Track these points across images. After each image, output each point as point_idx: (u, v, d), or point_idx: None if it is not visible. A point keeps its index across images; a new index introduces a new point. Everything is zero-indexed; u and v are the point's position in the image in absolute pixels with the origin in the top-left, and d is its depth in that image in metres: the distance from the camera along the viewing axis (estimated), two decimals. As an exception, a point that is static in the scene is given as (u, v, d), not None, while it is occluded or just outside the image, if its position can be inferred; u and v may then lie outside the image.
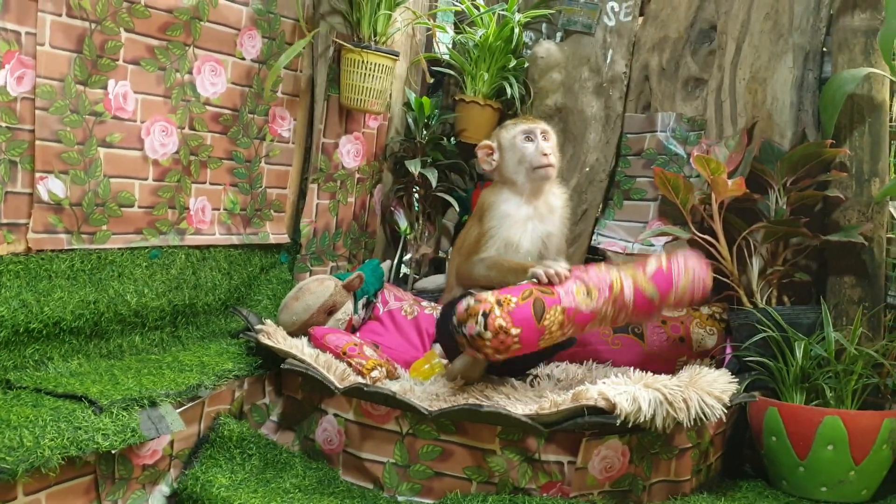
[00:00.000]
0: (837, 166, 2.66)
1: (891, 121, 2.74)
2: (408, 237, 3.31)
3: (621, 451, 2.11)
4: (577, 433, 2.08)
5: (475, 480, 2.10)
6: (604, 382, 2.15)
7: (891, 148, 2.75)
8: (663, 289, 2.25)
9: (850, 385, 2.39)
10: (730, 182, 2.49)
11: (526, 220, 2.51)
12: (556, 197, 2.61)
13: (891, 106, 2.76)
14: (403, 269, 3.44)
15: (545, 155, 2.49)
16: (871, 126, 2.63)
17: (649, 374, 2.26)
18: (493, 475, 2.09)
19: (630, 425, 2.04)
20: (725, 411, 2.17)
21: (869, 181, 2.63)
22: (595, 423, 2.04)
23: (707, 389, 2.17)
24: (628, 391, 2.07)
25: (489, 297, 2.12)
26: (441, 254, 3.34)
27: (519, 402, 2.22)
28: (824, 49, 2.83)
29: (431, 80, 3.44)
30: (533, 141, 2.52)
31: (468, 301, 2.12)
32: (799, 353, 2.39)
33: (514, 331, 2.08)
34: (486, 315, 2.07)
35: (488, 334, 2.06)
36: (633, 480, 2.15)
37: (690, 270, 2.29)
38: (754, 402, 2.43)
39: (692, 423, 2.09)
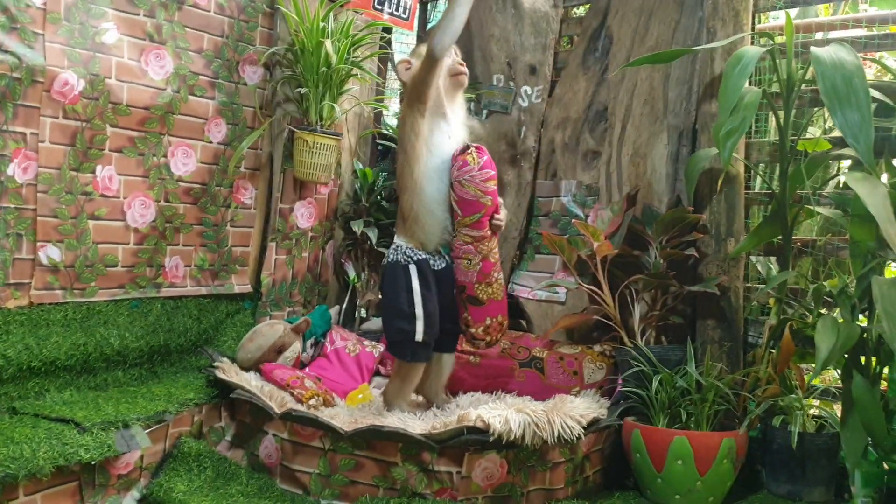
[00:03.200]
0: (701, 228, 3.20)
1: (749, 189, 3.28)
2: (356, 285, 3.86)
3: (499, 464, 2.63)
4: (462, 448, 2.60)
5: (382, 487, 2.63)
6: (485, 407, 2.69)
7: (748, 212, 3.30)
8: None
9: (705, 411, 2.91)
10: (596, 244, 3.04)
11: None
12: (463, 109, 3.14)
13: (749, 177, 3.30)
14: (362, 311, 3.99)
15: (461, 64, 3.05)
16: (726, 195, 3.17)
17: (527, 400, 2.78)
18: (396, 482, 2.62)
19: (504, 442, 2.57)
20: (583, 430, 2.69)
21: (725, 240, 3.16)
22: (474, 440, 2.57)
23: (570, 413, 2.70)
24: (502, 414, 2.60)
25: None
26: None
27: (418, 423, 2.75)
28: (697, 127, 3.37)
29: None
30: (448, 56, 3.03)
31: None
32: (654, 385, 2.90)
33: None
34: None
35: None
36: (511, 488, 2.66)
37: None
38: (626, 425, 2.94)
39: (555, 440, 2.62)
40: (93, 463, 2.45)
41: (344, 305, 3.85)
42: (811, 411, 2.95)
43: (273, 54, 3.51)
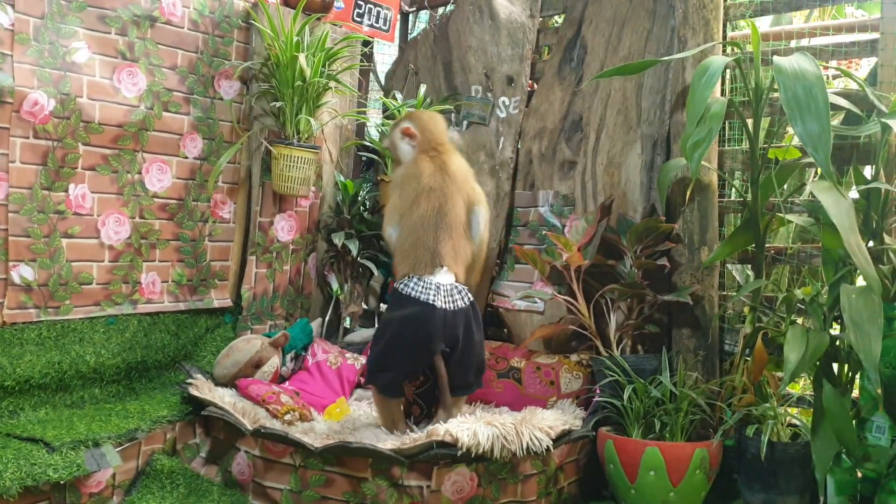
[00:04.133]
0: (674, 238, 3.19)
1: (723, 198, 3.27)
2: (339, 297, 3.87)
3: (469, 477, 2.63)
4: (432, 462, 2.61)
5: (352, 502, 2.63)
6: (454, 421, 2.70)
7: (724, 220, 3.29)
8: None
9: (679, 420, 2.91)
10: (566, 255, 3.05)
11: None
12: None
13: (723, 185, 3.30)
14: (346, 323, 4.01)
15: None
16: (699, 204, 3.16)
17: (497, 412, 2.79)
18: (367, 498, 2.62)
19: (473, 455, 2.58)
20: (553, 442, 2.70)
21: (699, 249, 3.15)
22: (443, 454, 2.58)
23: (539, 425, 2.71)
24: (470, 427, 2.61)
25: None
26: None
27: (389, 438, 2.76)
28: (670, 136, 3.36)
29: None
30: None
31: None
32: (626, 395, 2.90)
33: None
34: None
35: None
36: (482, 501, 2.66)
37: None
38: (600, 435, 2.94)
39: (524, 452, 2.63)
40: (62, 482, 2.46)
41: (327, 317, 3.85)
42: (787, 420, 2.94)
43: (248, 69, 3.53)
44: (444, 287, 2.88)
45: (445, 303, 2.86)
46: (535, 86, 3.76)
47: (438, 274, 2.90)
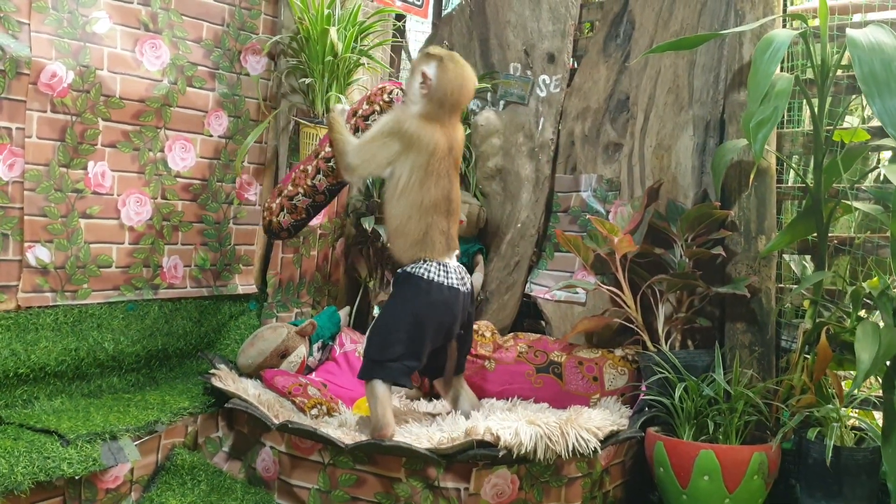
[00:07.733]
0: (729, 225, 2.99)
1: (781, 183, 3.07)
2: (368, 284, 3.70)
3: (510, 480, 2.45)
4: (471, 463, 2.43)
5: (384, 504, 2.47)
6: (494, 419, 2.51)
7: (780, 207, 3.08)
8: None
9: (734, 421, 2.71)
10: (615, 239, 2.85)
11: None
12: None
13: (782, 170, 3.09)
14: (374, 311, 3.83)
15: None
16: (756, 189, 2.96)
17: (540, 411, 2.60)
18: (400, 500, 2.45)
19: (515, 456, 2.40)
20: (600, 444, 2.51)
21: (756, 238, 2.95)
22: (483, 454, 2.40)
23: (585, 426, 2.52)
24: (511, 426, 2.43)
25: None
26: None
27: (424, 435, 2.58)
28: (724, 117, 3.16)
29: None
30: None
31: None
32: (677, 394, 2.71)
33: None
34: None
35: None
36: (524, 505, 2.49)
37: None
38: (649, 436, 2.75)
39: (570, 454, 2.45)
40: (77, 477, 2.31)
41: (356, 306, 3.68)
42: (850, 422, 2.74)
43: (277, 43, 3.35)
44: (457, 270, 2.77)
45: (461, 285, 2.75)
46: (576, 65, 3.55)
47: (453, 258, 2.77)
